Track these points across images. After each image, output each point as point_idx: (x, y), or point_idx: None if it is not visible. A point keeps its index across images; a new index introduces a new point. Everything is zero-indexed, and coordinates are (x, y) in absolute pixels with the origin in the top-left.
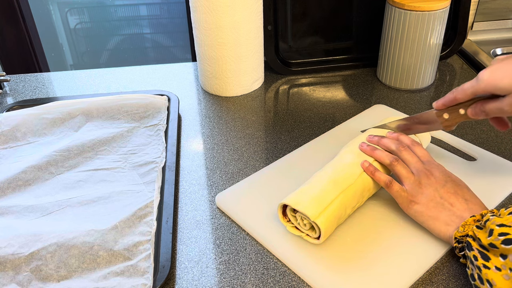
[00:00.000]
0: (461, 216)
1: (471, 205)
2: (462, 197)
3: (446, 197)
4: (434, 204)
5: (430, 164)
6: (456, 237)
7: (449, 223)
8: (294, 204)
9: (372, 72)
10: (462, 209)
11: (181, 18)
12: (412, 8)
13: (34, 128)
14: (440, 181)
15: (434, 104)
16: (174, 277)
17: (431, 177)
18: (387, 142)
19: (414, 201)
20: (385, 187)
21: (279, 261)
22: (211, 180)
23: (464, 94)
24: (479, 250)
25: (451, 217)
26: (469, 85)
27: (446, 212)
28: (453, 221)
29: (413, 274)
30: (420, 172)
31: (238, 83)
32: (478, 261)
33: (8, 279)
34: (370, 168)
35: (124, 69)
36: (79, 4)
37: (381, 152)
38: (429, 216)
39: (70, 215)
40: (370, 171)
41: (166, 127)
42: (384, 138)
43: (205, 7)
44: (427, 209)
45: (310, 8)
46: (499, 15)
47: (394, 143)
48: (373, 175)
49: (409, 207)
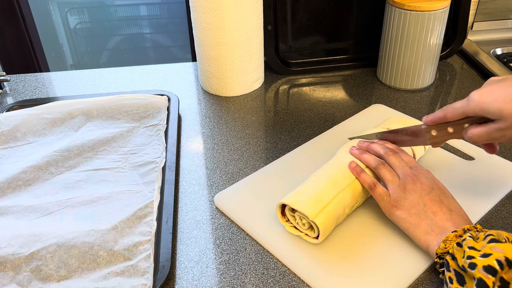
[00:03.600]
0: (442, 226)
1: (455, 216)
2: (446, 206)
3: (429, 205)
4: (416, 211)
5: (417, 170)
6: (437, 253)
7: (429, 232)
8: (292, 203)
9: (372, 72)
10: (444, 219)
11: (181, 18)
12: (412, 8)
13: (34, 128)
14: (425, 188)
15: (424, 119)
16: (174, 277)
17: (417, 182)
18: (375, 147)
19: (396, 206)
20: (368, 189)
21: (279, 261)
22: (211, 180)
23: (454, 114)
24: (456, 271)
25: (432, 226)
26: (459, 105)
27: (428, 220)
28: (433, 230)
29: (414, 272)
30: (406, 176)
31: (238, 83)
32: (453, 285)
33: (8, 279)
34: (357, 169)
35: (124, 69)
36: (79, 4)
37: (369, 156)
38: (410, 223)
39: (70, 215)
40: (356, 172)
41: (166, 127)
42: (374, 144)
43: (205, 7)
44: (409, 215)
45: (310, 8)
46: (499, 15)
47: (382, 148)
48: (359, 175)
49: (391, 212)
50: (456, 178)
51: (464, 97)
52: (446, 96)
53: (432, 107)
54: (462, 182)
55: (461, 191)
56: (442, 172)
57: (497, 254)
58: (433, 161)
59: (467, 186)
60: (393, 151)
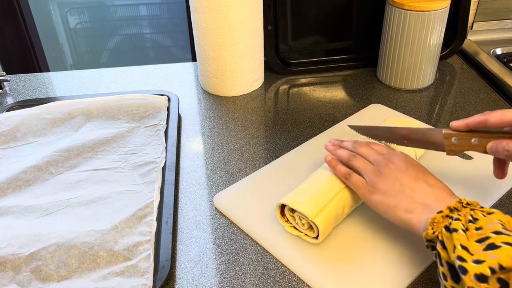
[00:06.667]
0: (423, 202)
1: (435, 190)
2: (424, 181)
3: (406, 183)
4: (394, 193)
5: (389, 154)
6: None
7: (410, 210)
8: (292, 203)
9: (372, 72)
10: (424, 194)
11: (181, 18)
12: (412, 8)
13: (34, 128)
14: (400, 168)
15: (454, 123)
16: (174, 277)
17: (391, 165)
18: (345, 143)
19: (372, 192)
20: (344, 179)
21: (279, 261)
22: (211, 180)
23: (501, 119)
24: (449, 264)
25: (413, 204)
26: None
27: (407, 199)
28: (415, 208)
29: (415, 271)
30: (379, 162)
31: (238, 83)
32: (447, 282)
33: (8, 279)
34: (333, 162)
35: (124, 69)
36: (79, 4)
37: (342, 151)
38: (388, 205)
39: (70, 215)
40: (332, 165)
41: (166, 127)
42: (344, 141)
43: (205, 7)
44: (386, 197)
45: (310, 8)
46: (499, 15)
47: (351, 142)
48: (335, 168)
49: (369, 198)
50: (454, 177)
51: (464, 97)
52: (446, 96)
53: (432, 107)
54: (460, 181)
55: (459, 190)
56: (440, 171)
57: (491, 261)
58: (431, 160)
59: (465, 185)
60: (362, 143)
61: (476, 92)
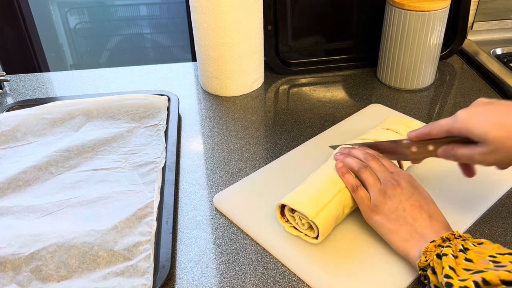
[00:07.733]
0: (421, 233)
1: (434, 223)
2: (426, 212)
3: (409, 210)
4: (395, 217)
5: (398, 174)
6: (419, 266)
7: (407, 238)
8: (292, 203)
9: (372, 72)
10: (423, 226)
11: (181, 18)
12: (412, 8)
13: (34, 128)
14: (406, 192)
15: (409, 134)
16: (174, 277)
17: (398, 187)
18: (355, 152)
19: (375, 211)
20: (351, 190)
21: (279, 261)
22: (211, 180)
23: (439, 130)
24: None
25: (411, 233)
26: (445, 122)
27: (407, 227)
28: (412, 237)
29: (415, 271)
30: (387, 181)
31: (238, 83)
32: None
33: (8, 279)
34: (342, 169)
35: (124, 69)
36: (79, 4)
37: (352, 159)
38: (389, 229)
39: (70, 215)
40: (341, 172)
41: (166, 127)
42: (355, 149)
43: (205, 7)
44: (388, 221)
45: (310, 8)
46: (499, 15)
47: (362, 153)
48: (343, 176)
49: (370, 216)
50: (455, 178)
51: (464, 97)
52: (446, 96)
53: (432, 107)
54: (461, 181)
55: (460, 190)
56: (437, 173)
57: (475, 276)
58: (428, 161)
59: (465, 185)
60: (373, 156)
61: (476, 92)
